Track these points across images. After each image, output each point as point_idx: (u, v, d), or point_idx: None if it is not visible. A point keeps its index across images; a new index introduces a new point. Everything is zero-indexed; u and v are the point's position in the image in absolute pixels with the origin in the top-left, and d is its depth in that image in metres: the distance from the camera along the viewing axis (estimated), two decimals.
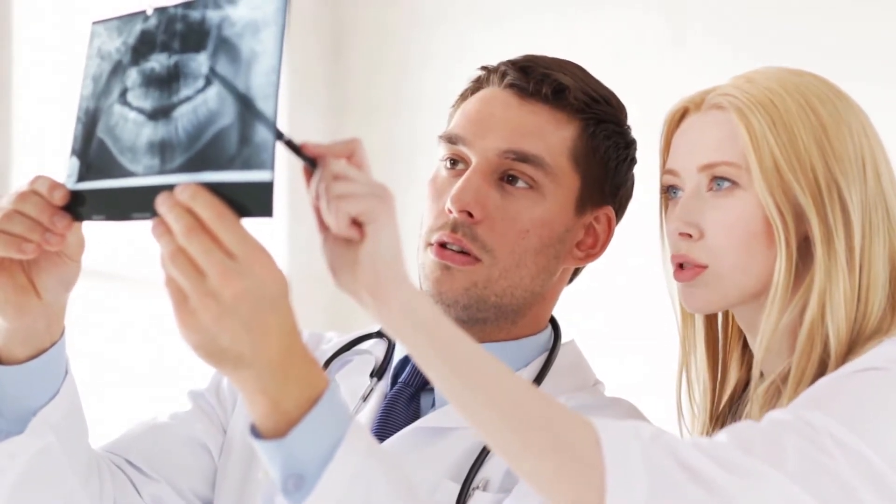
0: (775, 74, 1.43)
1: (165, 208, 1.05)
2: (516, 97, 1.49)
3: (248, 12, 1.06)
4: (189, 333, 1.04)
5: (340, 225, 1.08)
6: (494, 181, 1.47)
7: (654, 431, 1.14)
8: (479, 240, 1.45)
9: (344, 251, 1.10)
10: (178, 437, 1.51)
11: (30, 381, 1.29)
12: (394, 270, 1.09)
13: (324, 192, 1.09)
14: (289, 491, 1.09)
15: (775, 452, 1.17)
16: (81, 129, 1.16)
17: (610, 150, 1.52)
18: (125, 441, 1.50)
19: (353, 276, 1.09)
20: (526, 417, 1.10)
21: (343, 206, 1.08)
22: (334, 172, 1.09)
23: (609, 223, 1.54)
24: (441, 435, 1.45)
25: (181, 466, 1.50)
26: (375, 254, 1.08)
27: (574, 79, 1.51)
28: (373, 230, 1.08)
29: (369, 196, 1.08)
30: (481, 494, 1.40)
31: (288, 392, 1.07)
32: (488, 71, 1.53)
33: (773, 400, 1.38)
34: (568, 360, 1.54)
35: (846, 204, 1.37)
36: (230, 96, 1.06)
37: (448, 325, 1.10)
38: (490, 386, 1.10)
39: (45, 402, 1.30)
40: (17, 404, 1.29)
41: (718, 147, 1.42)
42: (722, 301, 1.43)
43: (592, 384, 1.54)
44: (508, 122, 1.48)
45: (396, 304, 1.09)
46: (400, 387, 1.51)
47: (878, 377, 1.27)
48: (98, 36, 1.18)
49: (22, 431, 1.29)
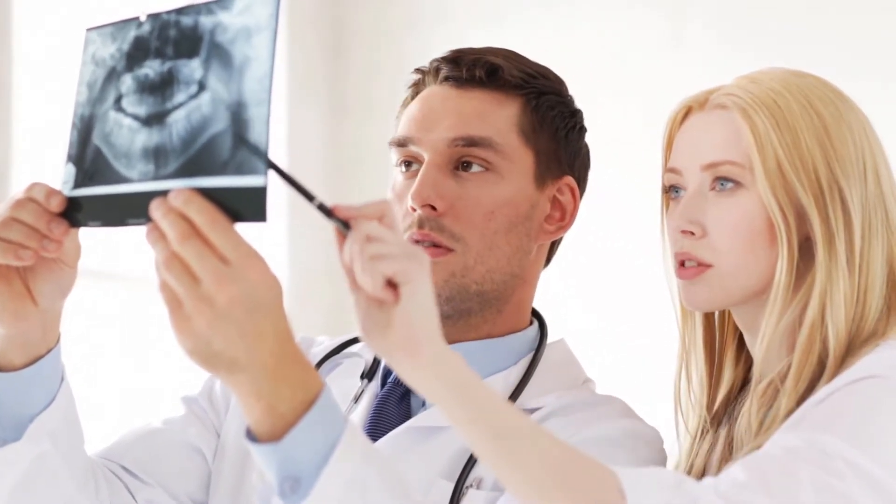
0: (778, 75, 1.44)
1: (159, 214, 1.05)
2: (454, 88, 1.51)
3: (241, 18, 1.06)
4: (184, 339, 1.05)
5: (376, 286, 1.08)
6: (450, 171, 1.48)
7: (675, 480, 1.16)
8: (447, 230, 1.46)
9: (377, 312, 1.10)
10: (172, 442, 1.51)
11: (26, 387, 1.28)
12: (428, 330, 1.09)
13: (357, 253, 1.09)
14: (285, 494, 1.09)
15: (793, 489, 1.18)
16: (77, 136, 1.16)
17: (556, 119, 1.53)
18: (119, 447, 1.49)
19: (385, 336, 1.09)
20: (555, 474, 1.12)
21: (378, 266, 1.08)
22: (367, 234, 1.09)
23: (573, 193, 1.55)
24: (433, 434, 1.45)
25: (175, 471, 1.50)
26: (410, 314, 1.08)
27: (505, 59, 1.52)
28: (408, 291, 1.08)
29: (404, 257, 1.09)
30: (475, 493, 1.40)
31: (283, 395, 1.08)
32: (422, 72, 1.55)
33: (772, 399, 1.39)
34: (557, 357, 1.54)
35: (847, 205, 1.38)
36: (223, 102, 1.06)
37: (481, 386, 1.11)
38: (521, 448, 1.11)
39: (42, 409, 1.30)
40: (13, 411, 1.29)
41: (722, 146, 1.42)
42: (723, 299, 1.43)
43: (582, 382, 1.54)
44: (451, 112, 1.49)
45: (430, 365, 1.09)
46: (390, 387, 1.51)
47: (879, 386, 1.28)
48: (92, 42, 1.17)
49: (18, 438, 1.29)
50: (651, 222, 1.55)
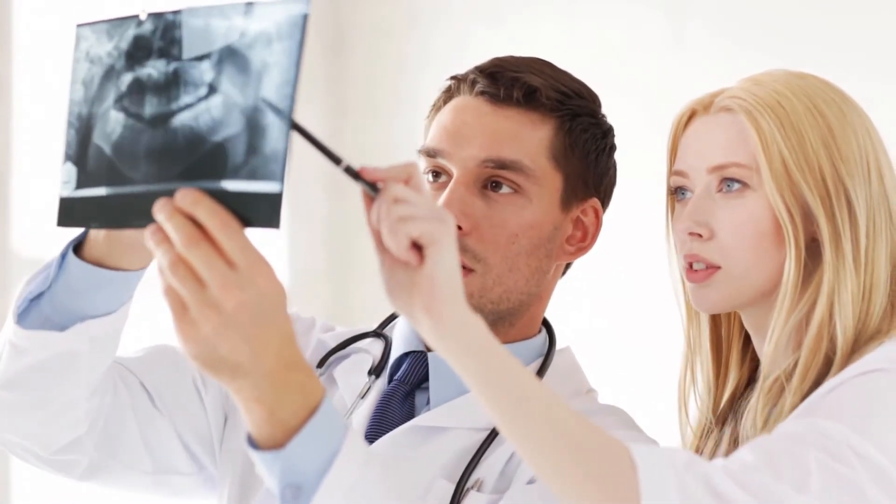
0: (781, 77, 1.45)
1: (164, 215, 1.04)
2: (488, 104, 1.49)
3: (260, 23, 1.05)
4: (188, 344, 1.04)
5: (401, 248, 1.09)
6: (478, 190, 1.47)
7: (687, 459, 1.16)
8: (470, 250, 1.45)
9: (402, 274, 1.10)
10: (193, 383, 1.50)
11: (98, 285, 1.26)
12: (451, 292, 1.09)
13: (385, 215, 1.09)
14: (286, 500, 1.09)
15: (800, 471, 1.19)
16: (75, 136, 1.14)
17: (588, 142, 1.52)
18: (145, 363, 1.48)
19: (409, 297, 1.10)
20: (568, 443, 1.12)
21: (404, 228, 1.08)
22: (394, 196, 1.09)
23: (596, 214, 1.54)
24: (435, 434, 1.45)
25: (186, 410, 1.48)
26: (434, 276, 1.09)
27: (544, 77, 1.50)
28: (433, 252, 1.09)
29: (430, 219, 1.09)
30: (476, 495, 1.40)
31: (284, 401, 1.07)
32: (458, 80, 1.53)
33: (778, 396, 1.40)
34: (563, 366, 1.54)
35: (853, 204, 1.40)
36: (237, 106, 1.04)
37: (500, 349, 1.12)
38: (536, 412, 1.12)
39: (98, 315, 1.27)
40: (74, 299, 1.26)
41: (728, 148, 1.43)
42: (733, 301, 1.44)
43: (586, 391, 1.54)
44: (484, 131, 1.47)
45: (451, 326, 1.09)
46: (395, 384, 1.50)
47: (885, 379, 1.30)
48: (85, 39, 1.16)
49: (62, 327, 1.27)
50: (654, 222, 1.55)
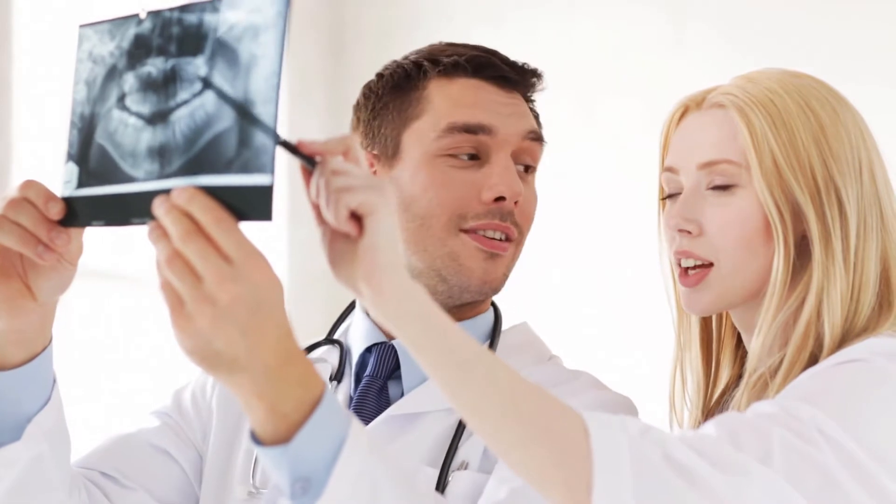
0: (775, 75, 1.45)
1: (162, 212, 1.04)
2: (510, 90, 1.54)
3: (248, 16, 1.05)
4: (184, 338, 1.04)
5: (340, 219, 1.09)
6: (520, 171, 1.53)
7: (643, 426, 1.15)
8: (518, 225, 1.51)
9: (343, 245, 1.11)
10: (151, 446, 1.50)
11: (24, 385, 1.27)
12: (391, 260, 1.09)
13: (323, 187, 1.10)
14: (296, 495, 1.08)
15: (762, 446, 1.19)
16: (78, 135, 1.15)
17: None
18: (97, 455, 1.48)
19: (350, 268, 1.10)
20: (516, 408, 1.11)
21: (343, 199, 1.09)
22: (333, 168, 1.10)
23: None
24: (412, 422, 1.46)
25: (157, 474, 1.49)
26: (374, 244, 1.09)
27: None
28: (372, 221, 1.09)
29: (368, 189, 1.09)
30: (460, 473, 1.41)
31: (285, 395, 1.07)
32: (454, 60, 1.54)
33: (761, 392, 1.40)
34: (519, 338, 1.56)
35: (843, 204, 1.39)
36: (228, 100, 1.05)
37: (441, 315, 1.11)
38: (482, 376, 1.11)
39: (39, 409, 1.28)
40: (10, 409, 1.27)
41: (719, 145, 1.43)
42: (724, 302, 1.44)
43: (548, 358, 1.56)
44: (519, 107, 1.53)
45: (392, 293, 1.09)
46: (367, 381, 1.51)
47: (861, 369, 1.29)
48: (87, 39, 1.16)
49: (16, 439, 1.27)
50: (653, 222, 1.55)
